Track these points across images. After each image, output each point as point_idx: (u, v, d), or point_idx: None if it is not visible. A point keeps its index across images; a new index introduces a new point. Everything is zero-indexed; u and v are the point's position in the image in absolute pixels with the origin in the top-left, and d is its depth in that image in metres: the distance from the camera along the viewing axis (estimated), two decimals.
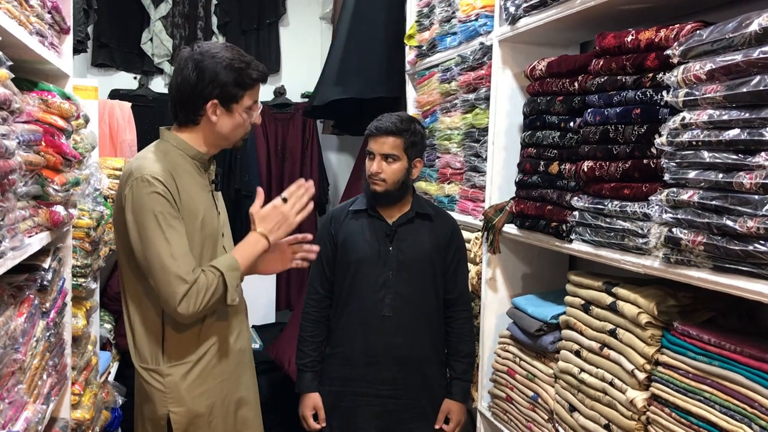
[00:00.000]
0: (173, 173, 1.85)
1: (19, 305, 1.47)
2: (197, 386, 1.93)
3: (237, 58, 1.89)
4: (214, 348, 1.96)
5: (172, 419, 1.90)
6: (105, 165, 2.79)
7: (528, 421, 2.15)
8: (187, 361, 1.92)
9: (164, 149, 1.93)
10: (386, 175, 2.26)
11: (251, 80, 1.92)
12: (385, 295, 2.29)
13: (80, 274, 2.19)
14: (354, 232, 2.35)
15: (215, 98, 1.88)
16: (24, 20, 1.51)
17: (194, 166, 1.95)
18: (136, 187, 1.80)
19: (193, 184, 1.92)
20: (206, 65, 1.86)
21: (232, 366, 2.02)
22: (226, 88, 1.87)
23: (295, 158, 4.42)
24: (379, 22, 3.36)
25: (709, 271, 1.34)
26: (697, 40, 1.35)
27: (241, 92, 1.90)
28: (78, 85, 2.39)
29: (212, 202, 1.99)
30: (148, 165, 1.84)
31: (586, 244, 1.77)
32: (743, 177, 1.22)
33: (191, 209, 1.87)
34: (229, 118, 1.92)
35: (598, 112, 1.69)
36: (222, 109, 1.90)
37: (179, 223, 1.82)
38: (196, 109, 1.90)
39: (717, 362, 1.40)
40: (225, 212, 2.10)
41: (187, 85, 1.87)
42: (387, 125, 2.25)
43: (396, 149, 2.25)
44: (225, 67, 1.86)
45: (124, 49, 4.40)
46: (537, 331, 2.05)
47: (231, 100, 1.90)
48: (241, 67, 1.89)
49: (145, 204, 1.80)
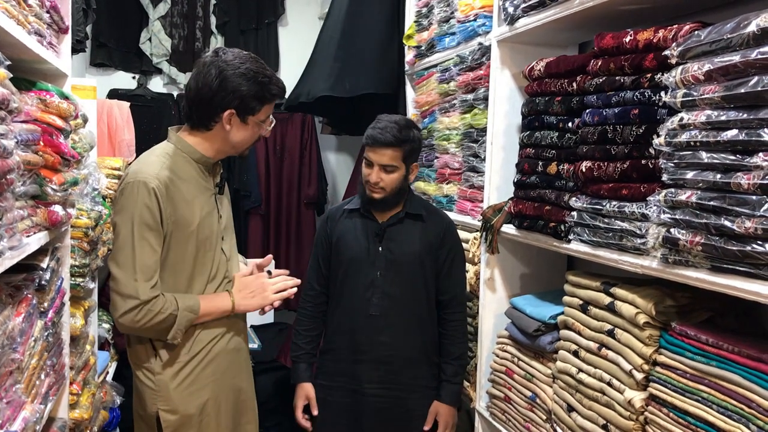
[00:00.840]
0: (173, 178, 1.87)
1: (17, 305, 1.47)
2: (187, 386, 1.94)
3: (261, 72, 1.91)
4: (206, 349, 1.97)
5: (161, 417, 1.92)
6: (103, 165, 2.78)
7: (526, 421, 2.15)
8: (178, 361, 1.93)
9: (168, 151, 1.94)
10: (385, 185, 2.27)
11: (271, 95, 1.94)
12: (372, 294, 2.30)
13: (78, 273, 2.19)
14: (347, 231, 2.37)
15: (233, 108, 1.89)
16: (22, 20, 1.51)
17: (198, 169, 1.96)
18: (128, 190, 1.83)
19: (194, 188, 1.93)
20: (230, 74, 1.86)
21: (225, 366, 2.03)
22: (246, 100, 1.89)
23: (293, 158, 4.41)
24: (373, 18, 3.35)
25: (706, 271, 1.34)
26: (696, 41, 1.35)
27: (259, 106, 1.93)
28: (76, 85, 2.39)
29: (214, 205, 2.00)
30: (146, 170, 1.86)
31: (584, 245, 1.77)
32: (741, 177, 1.22)
33: (185, 217, 1.88)
34: (242, 129, 1.94)
35: (597, 112, 1.69)
36: (237, 120, 1.91)
37: (155, 237, 1.84)
38: (211, 116, 1.90)
39: (714, 362, 1.40)
40: (229, 215, 2.11)
41: (208, 91, 1.87)
42: (387, 138, 2.22)
43: (395, 160, 2.25)
44: (248, 79, 1.88)
45: (123, 49, 4.39)
46: (535, 332, 2.05)
47: (248, 112, 1.92)
48: (264, 81, 1.91)
49: (128, 208, 1.82)
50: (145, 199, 1.81)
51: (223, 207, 2.06)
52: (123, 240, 1.82)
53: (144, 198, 1.81)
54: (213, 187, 2.01)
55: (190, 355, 1.95)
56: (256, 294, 2.04)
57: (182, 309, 1.86)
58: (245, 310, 2.03)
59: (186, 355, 1.94)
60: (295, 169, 4.42)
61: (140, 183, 1.82)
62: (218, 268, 2.00)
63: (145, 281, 1.81)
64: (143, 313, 1.80)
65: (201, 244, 1.92)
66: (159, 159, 1.91)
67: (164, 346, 1.92)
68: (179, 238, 1.88)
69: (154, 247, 1.83)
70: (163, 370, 1.92)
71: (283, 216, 4.39)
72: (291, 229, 4.39)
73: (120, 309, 1.81)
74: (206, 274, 1.97)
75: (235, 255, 2.13)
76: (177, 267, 1.90)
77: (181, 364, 1.94)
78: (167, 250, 1.88)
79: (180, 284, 1.92)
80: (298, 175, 4.41)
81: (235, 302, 1.99)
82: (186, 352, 1.94)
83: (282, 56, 4.61)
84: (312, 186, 4.41)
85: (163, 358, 1.92)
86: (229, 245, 2.07)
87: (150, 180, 1.83)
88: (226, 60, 1.88)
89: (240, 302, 2.00)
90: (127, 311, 1.80)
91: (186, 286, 1.93)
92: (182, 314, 1.86)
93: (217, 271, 2.00)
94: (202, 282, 1.96)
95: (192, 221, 1.90)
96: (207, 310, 1.93)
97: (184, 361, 1.94)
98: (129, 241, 1.81)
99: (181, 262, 1.90)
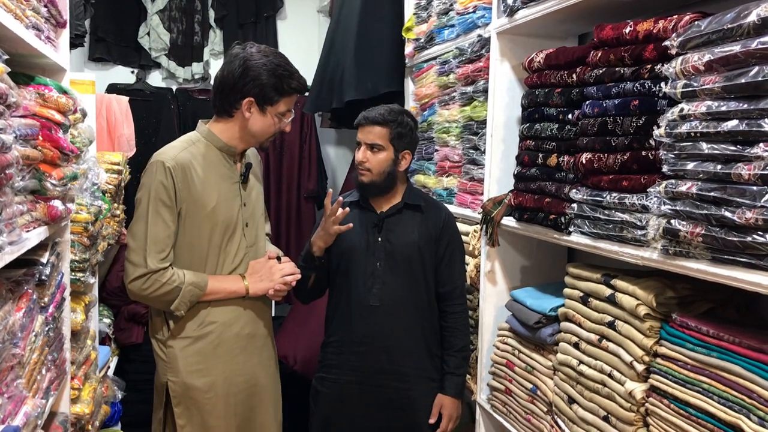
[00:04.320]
0: (193, 161, 2.04)
1: (17, 300, 1.47)
2: (195, 363, 2.08)
3: (282, 66, 2.06)
4: (217, 330, 2.10)
5: (170, 387, 2.09)
6: (103, 159, 2.78)
7: (527, 413, 2.15)
8: (188, 336, 2.08)
9: (193, 139, 2.12)
10: (371, 165, 2.28)
11: (290, 89, 2.08)
12: (373, 284, 2.30)
13: (79, 268, 2.18)
14: (346, 223, 2.36)
15: (252, 96, 2.04)
16: (20, 14, 1.50)
17: (222, 157, 2.11)
18: (149, 169, 2.03)
19: (214, 174, 2.08)
20: (252, 65, 2.02)
21: (237, 351, 2.14)
22: (265, 90, 2.04)
23: (293, 152, 4.41)
24: (383, 17, 3.35)
25: (707, 262, 1.34)
26: (696, 31, 1.34)
27: (278, 97, 2.07)
28: (75, 80, 2.39)
29: (237, 192, 2.14)
30: (168, 152, 2.05)
31: (584, 236, 1.77)
32: (742, 168, 1.22)
33: (200, 198, 2.04)
34: (261, 118, 2.08)
35: (597, 104, 1.69)
36: (256, 108, 2.06)
37: (169, 213, 2.01)
38: (233, 102, 2.06)
39: (715, 353, 1.40)
40: (258, 204, 2.24)
41: (231, 78, 2.04)
42: (374, 115, 2.29)
43: (381, 139, 2.27)
44: (269, 70, 2.03)
45: (122, 43, 4.38)
46: (536, 324, 2.05)
47: (267, 102, 2.06)
48: (283, 74, 2.05)
49: (146, 185, 2.02)
50: (161, 177, 2.00)
51: (250, 196, 2.20)
52: (140, 213, 2.02)
53: (160, 176, 2.00)
54: (237, 176, 2.15)
55: (200, 332, 2.09)
56: (264, 278, 2.15)
57: (187, 283, 2.01)
58: (256, 293, 2.14)
59: (196, 332, 2.09)
60: (294, 163, 4.41)
61: (159, 163, 2.01)
62: (244, 254, 2.14)
63: (156, 253, 1.98)
64: (150, 282, 1.98)
65: (218, 227, 2.06)
66: (181, 144, 2.09)
67: (176, 320, 2.07)
68: (195, 218, 2.04)
69: (167, 222, 2.00)
70: (173, 342, 2.08)
71: (283, 209, 4.39)
72: (291, 222, 4.39)
73: (130, 275, 2.00)
74: (229, 257, 2.11)
75: (260, 243, 2.24)
76: (193, 246, 2.06)
77: (190, 340, 2.08)
78: (183, 229, 2.04)
79: (195, 263, 2.07)
80: (297, 168, 4.41)
81: (249, 288, 2.12)
82: (196, 328, 2.09)
83: (281, 49, 4.51)
84: (312, 180, 4.40)
85: (175, 331, 2.08)
86: (254, 233, 2.19)
87: (167, 160, 2.01)
88: (251, 52, 2.05)
89: (251, 287, 2.12)
90: (136, 278, 1.99)
91: (201, 266, 2.07)
92: (187, 288, 2.01)
93: (244, 256, 2.14)
94: (219, 263, 2.09)
95: (207, 203, 2.05)
96: (214, 288, 2.07)
97: (194, 337, 2.08)
98: (144, 214, 2.00)
99: (197, 241, 2.06)
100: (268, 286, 2.15)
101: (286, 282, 2.18)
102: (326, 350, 2.43)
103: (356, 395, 2.34)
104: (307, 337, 3.54)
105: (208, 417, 2.10)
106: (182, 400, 2.09)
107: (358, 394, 2.34)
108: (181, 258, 2.06)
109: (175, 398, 2.08)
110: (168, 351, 2.09)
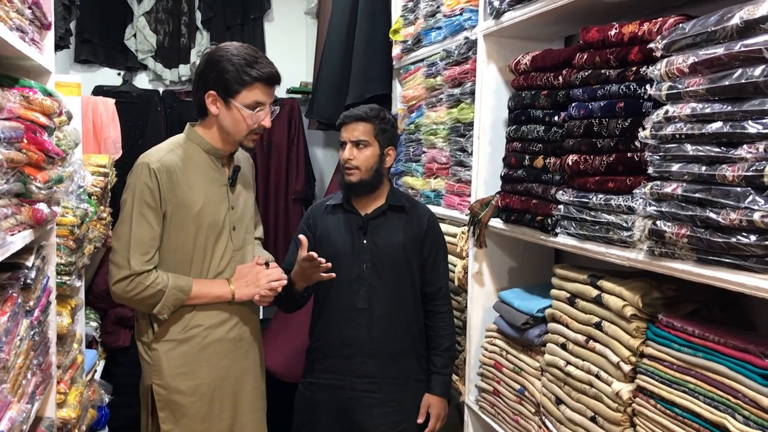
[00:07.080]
0: (179, 163, 2.02)
1: (2, 304, 1.46)
2: (179, 366, 2.06)
3: (242, 55, 1.99)
4: (202, 334, 2.08)
5: (154, 391, 2.07)
6: (89, 162, 2.76)
7: (515, 414, 2.16)
8: (173, 339, 2.06)
9: (180, 141, 2.09)
10: (358, 162, 2.29)
11: (250, 78, 1.99)
12: (359, 287, 2.30)
13: (65, 272, 2.17)
14: (330, 227, 2.38)
15: (213, 89, 2.00)
16: (3, 15, 1.49)
17: (209, 160, 2.09)
18: (135, 171, 2.01)
19: (200, 175, 2.05)
20: (214, 57, 1.99)
21: (222, 354, 2.11)
22: (224, 81, 1.98)
23: (281, 153, 4.40)
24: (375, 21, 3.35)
25: (692, 263, 1.35)
26: (680, 34, 1.35)
27: (239, 87, 1.99)
28: (60, 82, 2.37)
29: (225, 195, 2.11)
30: (153, 153, 2.03)
31: (571, 238, 1.78)
32: (726, 170, 1.23)
33: (187, 200, 2.01)
34: (227, 113, 2.02)
35: (583, 105, 1.70)
36: (221, 102, 2.01)
37: (153, 215, 1.98)
38: (200, 99, 2.03)
39: (701, 353, 1.41)
40: (246, 208, 2.20)
41: (197, 75, 2.04)
42: (357, 113, 2.31)
43: (366, 135, 2.29)
44: (228, 61, 1.97)
45: (108, 45, 4.36)
46: (523, 325, 2.06)
47: (228, 94, 2.00)
48: (240, 63, 1.97)
49: (131, 186, 2.00)
50: (146, 178, 1.98)
51: (239, 200, 2.17)
52: (124, 215, 2.00)
53: (145, 178, 1.98)
54: (226, 179, 2.12)
55: (185, 335, 2.06)
56: (250, 283, 2.12)
57: (171, 287, 1.98)
58: (242, 298, 2.11)
59: (181, 335, 2.06)
60: (282, 165, 4.41)
61: (144, 164, 1.99)
62: (230, 257, 2.11)
63: (140, 254, 1.96)
64: (134, 285, 1.96)
65: (203, 229, 2.04)
66: (168, 146, 2.07)
67: (161, 323, 2.04)
68: (180, 220, 2.01)
69: (151, 224, 1.98)
70: (158, 345, 2.05)
71: (270, 211, 4.38)
72: (279, 224, 4.38)
73: (114, 277, 1.98)
74: (215, 260, 2.08)
75: (248, 246, 2.21)
76: (178, 248, 2.04)
77: (174, 343, 2.06)
78: (168, 231, 2.01)
79: (180, 265, 2.04)
80: (285, 170, 4.41)
81: (235, 292, 2.09)
82: (181, 331, 2.06)
83: (268, 52, 4.58)
84: (299, 181, 4.40)
85: (159, 334, 2.05)
86: (242, 236, 2.16)
87: (153, 162, 1.99)
88: (218, 47, 2.03)
89: (237, 292, 2.09)
90: (120, 280, 1.96)
91: (186, 268, 2.05)
92: (170, 292, 1.98)
93: (230, 260, 2.11)
94: (205, 266, 2.06)
95: (193, 206, 2.02)
96: (199, 293, 2.04)
97: (179, 339, 2.06)
98: (129, 216, 1.98)
99: (182, 243, 2.03)
100: (254, 292, 2.11)
101: (272, 288, 2.13)
102: (312, 355, 2.42)
103: (343, 398, 2.33)
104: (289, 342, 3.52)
105: (193, 421, 2.08)
106: (167, 404, 2.06)
107: (344, 398, 2.33)
108: (166, 260, 2.03)
109: (160, 402, 2.06)
110: (153, 354, 2.06)
